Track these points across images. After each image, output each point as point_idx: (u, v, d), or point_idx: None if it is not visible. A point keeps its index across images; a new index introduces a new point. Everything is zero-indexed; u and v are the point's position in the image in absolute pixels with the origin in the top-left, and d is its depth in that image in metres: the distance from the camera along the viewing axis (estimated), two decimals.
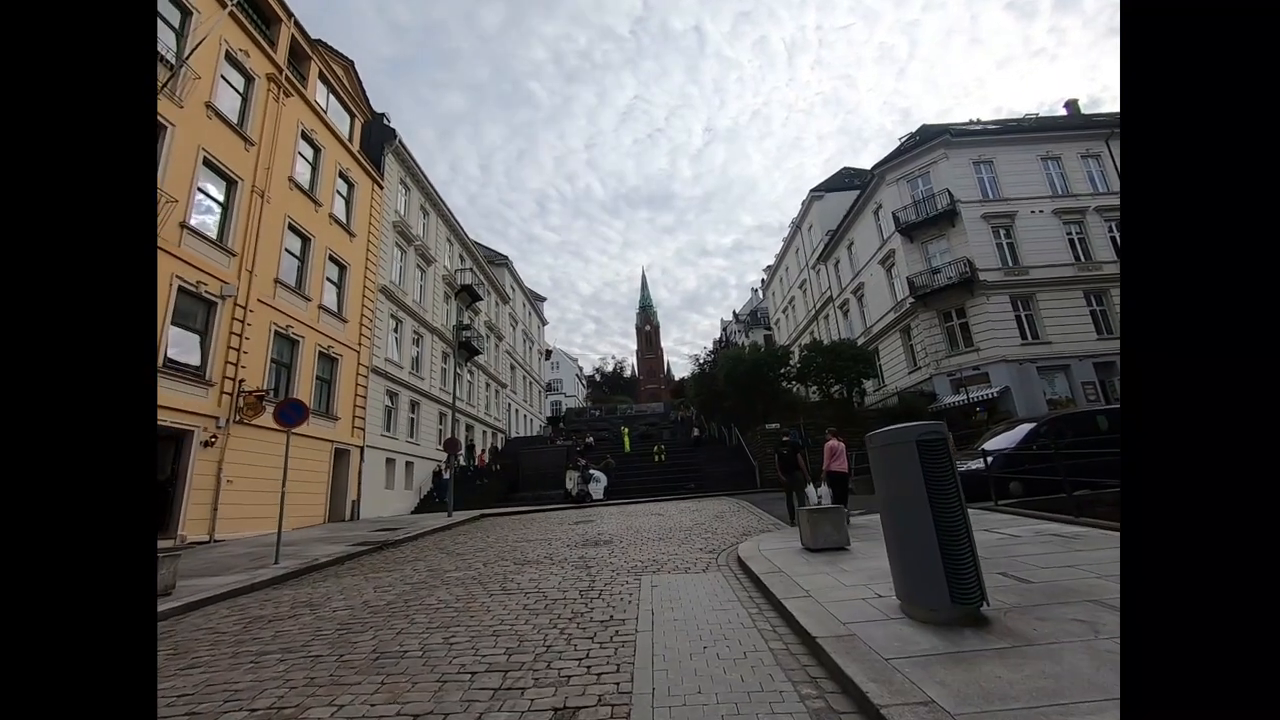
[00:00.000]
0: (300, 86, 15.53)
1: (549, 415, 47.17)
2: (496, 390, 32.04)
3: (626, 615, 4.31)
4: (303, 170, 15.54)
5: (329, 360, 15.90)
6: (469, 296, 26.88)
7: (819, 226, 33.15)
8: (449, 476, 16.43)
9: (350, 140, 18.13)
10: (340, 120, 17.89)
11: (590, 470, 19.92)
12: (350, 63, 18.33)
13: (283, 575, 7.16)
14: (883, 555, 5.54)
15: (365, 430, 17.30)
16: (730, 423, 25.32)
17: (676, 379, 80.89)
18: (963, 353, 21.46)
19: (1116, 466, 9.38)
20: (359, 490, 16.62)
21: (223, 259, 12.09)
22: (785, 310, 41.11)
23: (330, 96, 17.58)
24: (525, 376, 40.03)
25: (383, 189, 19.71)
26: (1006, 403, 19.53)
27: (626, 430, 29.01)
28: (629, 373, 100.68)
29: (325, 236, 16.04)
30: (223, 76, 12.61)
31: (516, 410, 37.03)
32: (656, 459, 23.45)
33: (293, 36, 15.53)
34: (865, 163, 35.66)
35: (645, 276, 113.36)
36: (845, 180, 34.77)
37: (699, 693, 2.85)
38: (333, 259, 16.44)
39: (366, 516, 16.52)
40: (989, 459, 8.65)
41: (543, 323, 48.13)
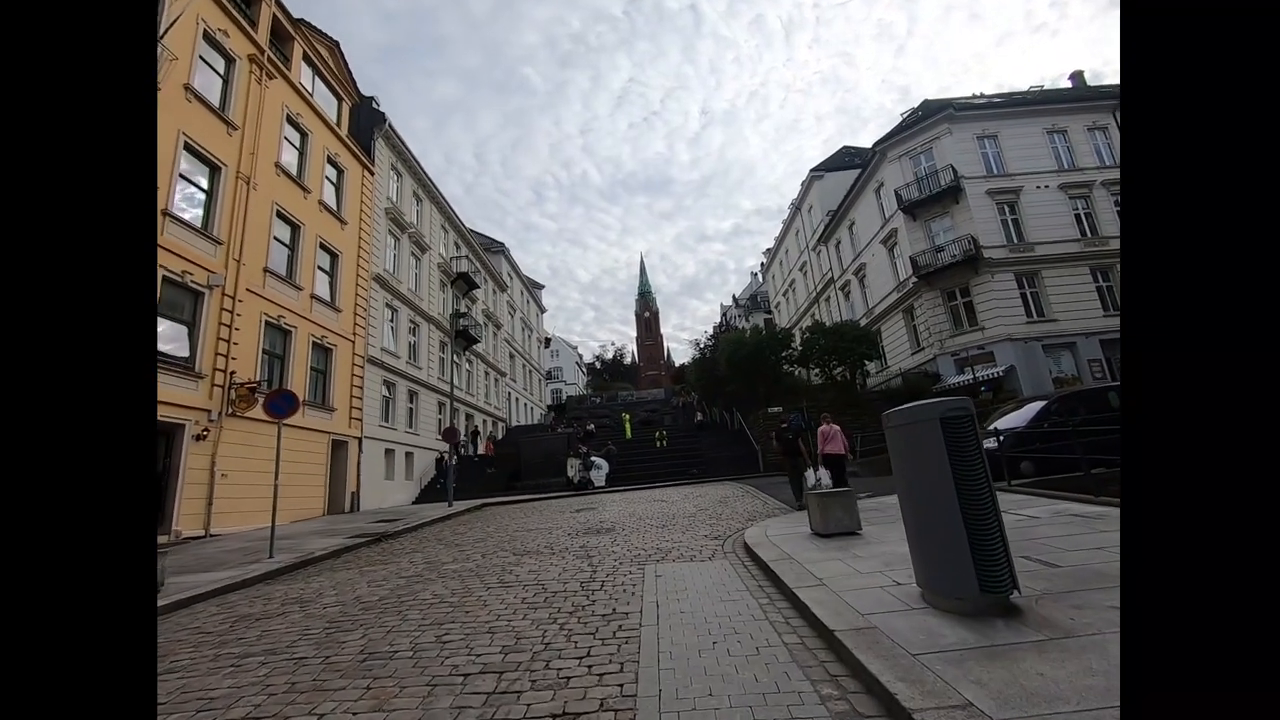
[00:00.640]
0: (284, 68, 15.02)
1: (549, 403, 47.00)
2: (496, 379, 31.79)
3: (630, 608, 4.08)
4: (289, 156, 15.10)
5: (323, 350, 15.62)
6: (465, 284, 26.54)
7: (819, 207, 32.62)
8: (454, 463, 16.23)
9: (338, 125, 17.64)
10: (327, 104, 17.38)
11: (592, 457, 19.75)
12: (335, 43, 17.77)
13: (276, 570, 6.96)
14: (897, 540, 5.34)
15: (363, 421, 17.08)
16: (732, 407, 25.11)
17: (677, 365, 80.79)
18: (967, 332, 21.16)
19: None
20: (358, 482, 16.44)
21: (209, 248, 11.74)
22: (785, 293, 40.71)
23: (315, 79, 17.06)
24: (525, 365, 39.76)
25: (373, 175, 19.25)
26: (1012, 382, 19.27)
27: (627, 417, 28.82)
28: (629, 360, 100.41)
29: (315, 224, 15.65)
30: (201, 57, 12.13)
31: (516, 399, 36.83)
32: (658, 445, 23.28)
33: (274, 16, 14.99)
34: (865, 143, 34.98)
35: (644, 262, 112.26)
36: (845, 159, 34.12)
37: (709, 694, 2.62)
38: (324, 247, 16.07)
39: (366, 508, 16.37)
40: (1000, 438, 8.40)
41: (541, 310, 47.73)
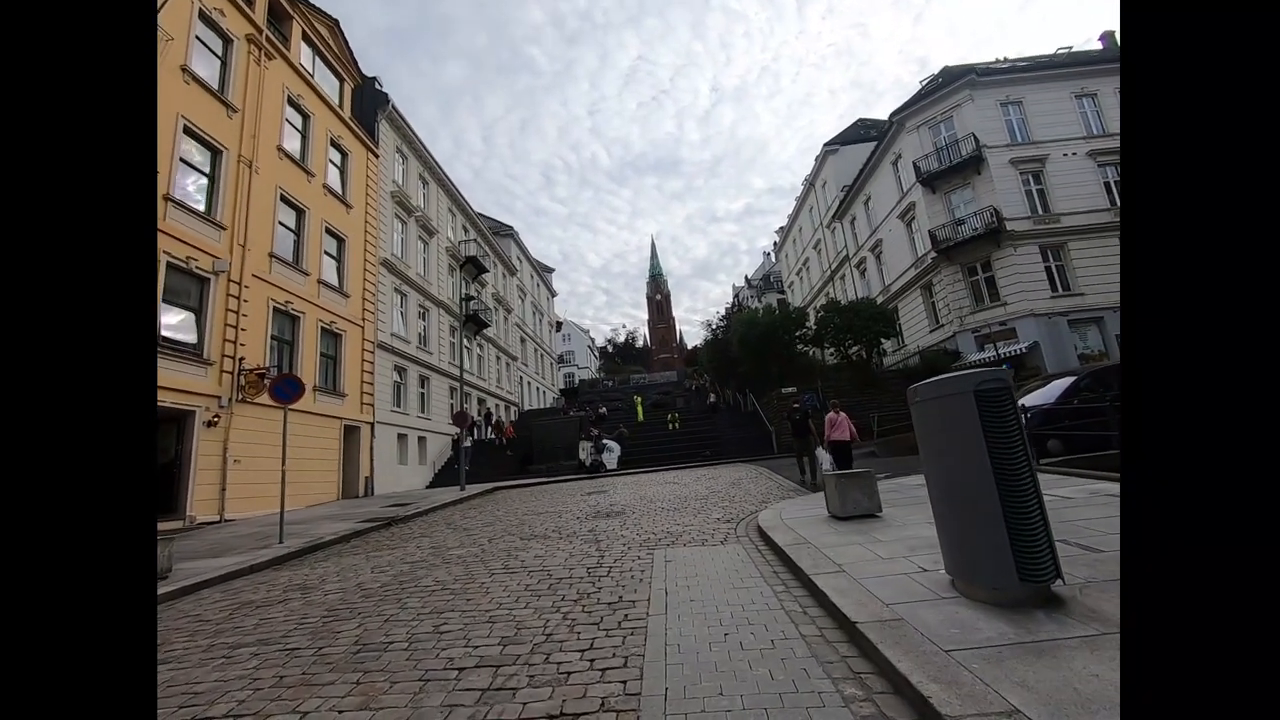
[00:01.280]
0: (282, 49, 14.72)
1: (561, 387, 47.05)
2: (507, 363, 31.76)
3: (637, 596, 3.88)
4: (292, 138, 14.89)
5: (332, 336, 15.57)
6: (474, 268, 26.32)
7: (834, 183, 31.73)
8: (468, 445, 16.17)
9: (340, 106, 17.35)
10: (328, 85, 17.08)
11: (603, 440, 19.64)
12: (335, 21, 17.39)
13: (284, 556, 6.90)
14: (919, 523, 5.06)
15: (374, 406, 17.10)
16: (745, 389, 24.79)
17: (689, 347, 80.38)
18: (988, 308, 20.49)
19: None
20: (371, 466, 16.52)
21: (212, 233, 11.62)
22: (799, 272, 39.95)
23: (316, 59, 16.74)
24: (536, 349, 39.70)
25: (378, 158, 18.99)
26: (1035, 358, 18.66)
27: (639, 399, 28.66)
28: (641, 343, 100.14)
29: (320, 208, 15.49)
30: (198, 38, 11.88)
31: (529, 383, 36.85)
32: (670, 427, 23.09)
33: None
34: (880, 116, 34.04)
35: (654, 245, 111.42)
36: (861, 132, 33.05)
37: (720, 694, 2.39)
38: (330, 231, 15.92)
39: (380, 492, 16.46)
40: (1028, 415, 8.02)
41: (552, 294, 47.50)
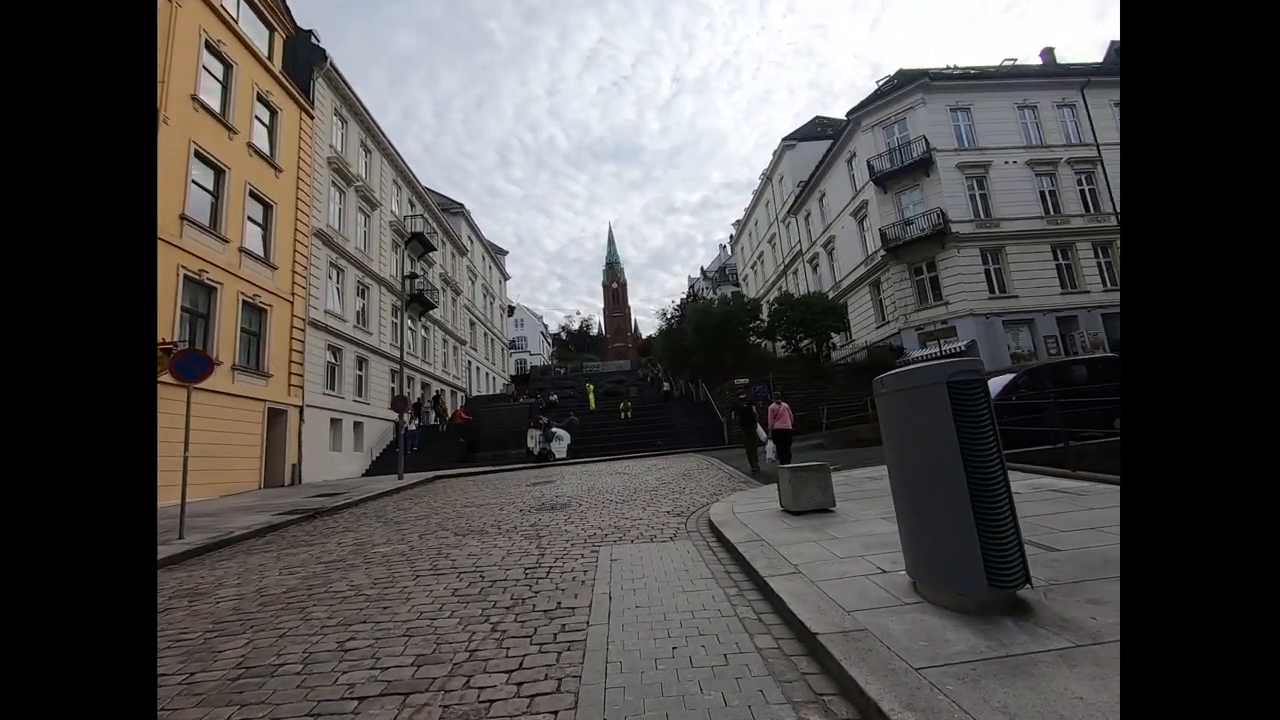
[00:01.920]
0: None
1: (513, 374, 45.83)
2: (455, 347, 30.47)
3: (578, 602, 3.50)
4: (210, 89, 13.35)
5: (256, 311, 14.24)
6: (421, 246, 24.88)
7: (790, 178, 32.08)
8: (413, 428, 15.20)
9: (270, 59, 15.76)
10: (256, 33, 15.45)
11: (553, 428, 19.09)
12: None
13: (181, 554, 6.09)
14: (874, 518, 4.93)
15: (304, 389, 15.85)
16: (698, 378, 24.78)
17: (644, 336, 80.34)
18: (932, 306, 21.26)
19: (1099, 417, 9.13)
20: (299, 453, 15.33)
21: None
22: (754, 265, 40.39)
23: (241, 3, 15.10)
24: (486, 333, 38.37)
25: (313, 119, 17.46)
26: (973, 356, 19.51)
27: (591, 387, 28.16)
28: (596, 331, 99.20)
29: (244, 169, 14.04)
30: None
31: (478, 368, 35.59)
32: (622, 416, 22.78)
33: None
34: (837, 116, 34.76)
35: (612, 232, 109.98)
36: (818, 130, 33.55)
37: None
38: (255, 195, 14.48)
39: (310, 481, 15.33)
40: None
41: (504, 277, 46.01)
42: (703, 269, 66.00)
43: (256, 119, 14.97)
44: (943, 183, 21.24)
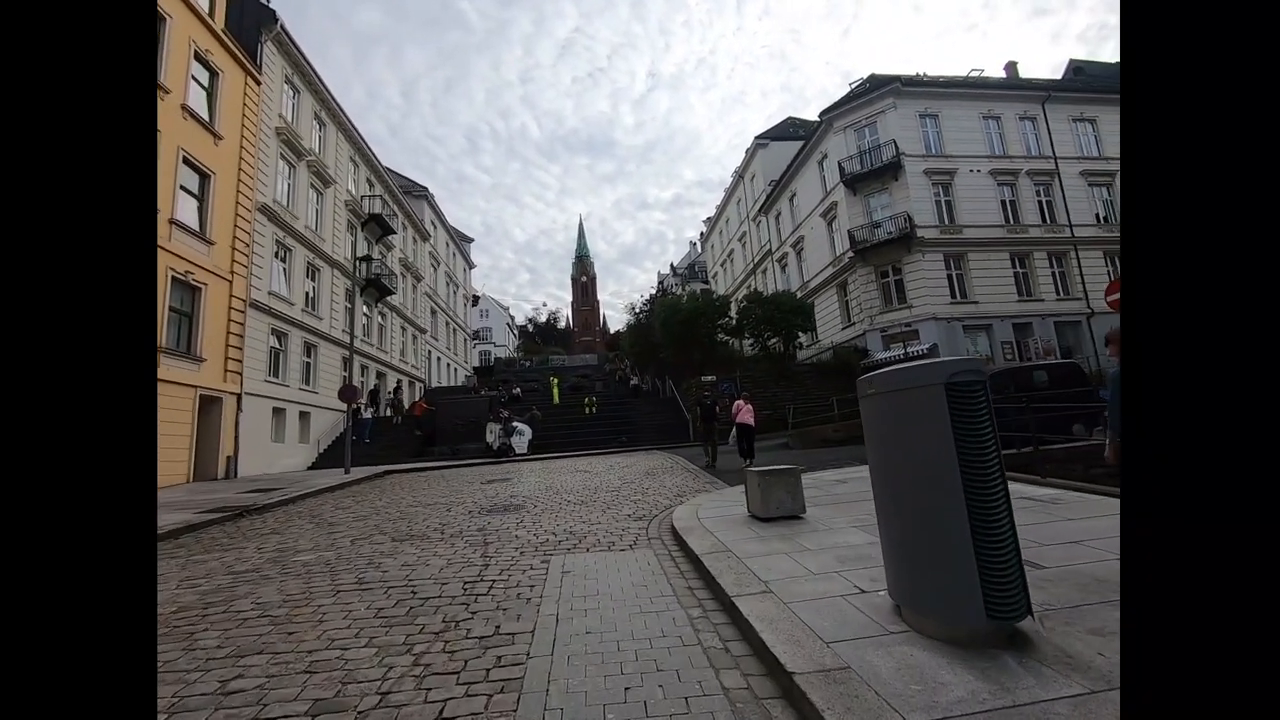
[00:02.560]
0: None
1: (476, 365, 44.56)
2: (414, 335, 29.24)
3: (519, 627, 3.05)
4: None
5: (187, 289, 13.08)
6: (379, 228, 23.77)
7: (762, 177, 32.09)
8: (369, 417, 14.38)
9: (211, 16, 14.48)
10: None
11: (514, 423, 18.43)
12: None
13: None
14: (845, 527, 4.63)
15: (243, 375, 14.73)
16: (665, 375, 24.50)
17: (612, 331, 79.74)
18: (896, 309, 21.54)
19: (1060, 422, 9.21)
20: (235, 444, 14.23)
21: None
22: (724, 263, 40.39)
23: None
24: (449, 323, 37.08)
25: (259, 84, 16.21)
26: (935, 359, 19.85)
27: (556, 381, 27.51)
28: (563, 324, 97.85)
29: (176, 133, 12.82)
30: None
31: (438, 358, 34.35)
32: (586, 411, 22.27)
33: None
34: (809, 117, 35.00)
35: (583, 225, 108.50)
36: (790, 130, 33.69)
37: None
38: (189, 163, 13.28)
39: (247, 474, 14.26)
40: None
41: (470, 266, 44.62)
42: (673, 265, 65.84)
43: (194, 79, 13.72)
44: (910, 187, 21.51)
